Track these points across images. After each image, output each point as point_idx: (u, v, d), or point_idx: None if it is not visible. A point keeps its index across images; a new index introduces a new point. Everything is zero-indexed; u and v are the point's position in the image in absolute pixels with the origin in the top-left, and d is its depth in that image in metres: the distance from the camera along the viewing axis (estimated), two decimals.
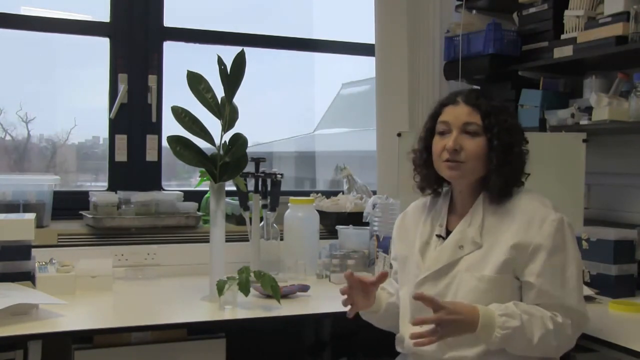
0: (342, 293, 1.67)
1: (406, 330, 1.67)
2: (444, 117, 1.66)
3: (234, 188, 2.43)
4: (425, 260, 1.68)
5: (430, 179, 1.73)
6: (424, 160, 1.72)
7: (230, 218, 2.74)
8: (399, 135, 2.48)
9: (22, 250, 2.12)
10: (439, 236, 1.69)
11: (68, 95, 3.03)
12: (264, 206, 2.54)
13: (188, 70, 2.10)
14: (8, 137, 2.96)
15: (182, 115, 2.09)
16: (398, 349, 1.77)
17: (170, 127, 2.21)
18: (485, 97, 1.65)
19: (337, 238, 2.71)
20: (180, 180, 3.39)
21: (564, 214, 1.60)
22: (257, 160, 2.52)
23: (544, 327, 1.50)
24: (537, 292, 1.55)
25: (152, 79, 2.85)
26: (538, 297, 1.55)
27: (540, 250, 1.55)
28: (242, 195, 2.51)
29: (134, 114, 2.83)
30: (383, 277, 1.68)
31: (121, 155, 2.82)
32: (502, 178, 1.61)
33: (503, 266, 1.56)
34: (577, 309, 1.56)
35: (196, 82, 2.09)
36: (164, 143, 2.78)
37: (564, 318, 1.53)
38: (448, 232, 1.69)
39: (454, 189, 1.73)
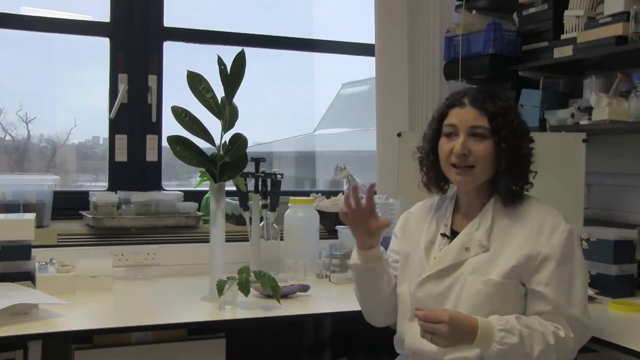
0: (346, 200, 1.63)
1: (405, 329, 1.67)
2: (451, 120, 1.64)
3: (234, 188, 2.43)
4: (429, 259, 1.67)
5: (437, 179, 1.72)
6: (431, 161, 1.71)
7: (230, 218, 2.74)
8: (399, 135, 2.47)
9: (22, 250, 2.12)
10: (443, 235, 1.69)
11: (68, 95, 3.03)
12: (264, 206, 2.54)
13: (188, 70, 2.10)
14: (8, 137, 2.96)
15: (182, 115, 2.09)
16: (398, 350, 1.76)
17: (170, 127, 2.21)
18: (491, 98, 1.63)
19: (337, 238, 2.71)
20: (180, 180, 3.39)
21: (572, 225, 1.60)
22: (257, 160, 2.52)
23: (544, 343, 1.49)
24: (543, 301, 1.54)
25: (152, 79, 2.85)
26: (544, 306, 1.54)
27: (549, 260, 1.55)
28: (242, 195, 2.51)
29: (134, 114, 2.83)
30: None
31: (121, 155, 2.82)
32: (512, 180, 1.61)
33: (510, 272, 1.55)
34: (581, 320, 1.55)
35: (196, 82, 2.09)
36: (164, 143, 2.79)
37: (567, 331, 1.52)
38: (453, 232, 1.68)
39: (459, 190, 1.72)
